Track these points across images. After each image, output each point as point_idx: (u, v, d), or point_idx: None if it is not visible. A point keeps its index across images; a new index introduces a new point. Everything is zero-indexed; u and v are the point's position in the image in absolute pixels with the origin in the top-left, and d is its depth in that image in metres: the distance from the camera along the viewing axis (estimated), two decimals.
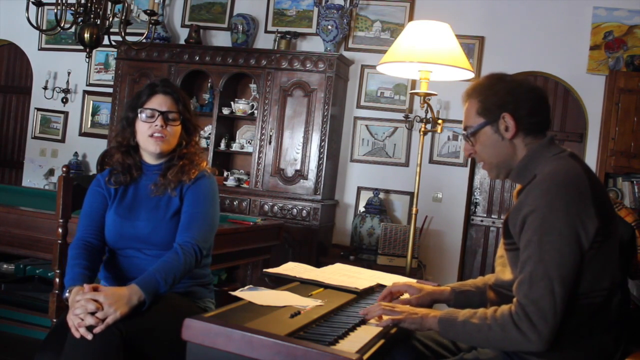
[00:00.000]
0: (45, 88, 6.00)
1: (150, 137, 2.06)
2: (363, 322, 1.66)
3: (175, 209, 2.06)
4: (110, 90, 5.64)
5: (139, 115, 2.08)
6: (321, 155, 4.94)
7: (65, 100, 6.05)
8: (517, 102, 1.70)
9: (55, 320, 2.26)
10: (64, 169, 2.36)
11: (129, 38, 3.80)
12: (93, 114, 6.03)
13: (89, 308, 1.71)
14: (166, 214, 2.05)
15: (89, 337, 1.67)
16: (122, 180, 2.11)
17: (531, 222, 1.54)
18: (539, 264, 1.49)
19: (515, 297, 1.53)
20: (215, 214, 2.13)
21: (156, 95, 2.10)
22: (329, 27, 5.11)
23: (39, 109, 6.16)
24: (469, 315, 1.58)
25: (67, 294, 1.85)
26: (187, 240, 1.98)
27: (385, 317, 1.67)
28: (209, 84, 5.39)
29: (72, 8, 3.49)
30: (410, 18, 5.14)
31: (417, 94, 3.36)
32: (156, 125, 2.05)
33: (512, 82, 1.76)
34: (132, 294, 1.78)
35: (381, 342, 1.52)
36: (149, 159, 2.14)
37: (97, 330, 1.68)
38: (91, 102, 6.03)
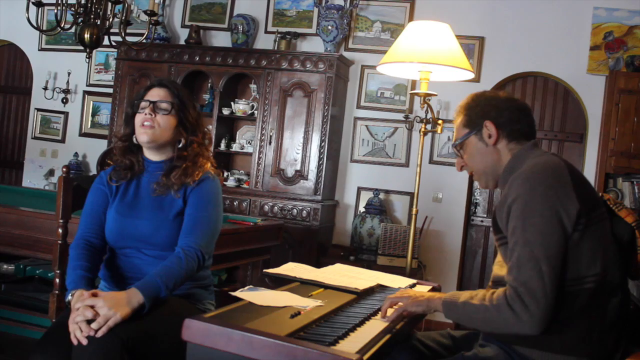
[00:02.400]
0: (45, 88, 6.00)
1: (140, 127, 2.06)
2: (363, 322, 1.66)
3: (178, 209, 2.05)
4: (110, 90, 5.64)
5: (136, 109, 2.10)
6: (321, 156, 4.94)
7: (65, 101, 6.05)
8: (498, 110, 1.81)
9: (54, 320, 2.26)
10: (64, 170, 2.36)
11: (129, 38, 3.80)
12: (93, 115, 6.03)
13: (87, 315, 1.71)
14: (169, 214, 2.04)
15: (84, 342, 1.68)
16: (123, 176, 2.10)
17: (515, 210, 1.60)
18: (525, 247, 1.55)
19: (507, 282, 1.58)
20: (218, 218, 2.12)
21: (153, 89, 2.11)
22: (329, 27, 5.12)
23: (39, 109, 6.16)
24: (469, 297, 1.64)
25: (69, 297, 1.85)
26: (191, 245, 1.97)
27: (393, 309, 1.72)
28: (209, 85, 5.39)
29: (72, 8, 3.49)
30: (410, 18, 5.14)
31: (417, 94, 3.36)
32: (145, 114, 2.05)
33: (492, 95, 1.89)
34: (132, 297, 1.78)
35: (381, 342, 1.52)
36: (149, 154, 2.13)
37: (99, 334, 1.68)
38: (91, 102, 6.03)
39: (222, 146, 5.30)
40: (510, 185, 1.65)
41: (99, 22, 3.51)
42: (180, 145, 2.10)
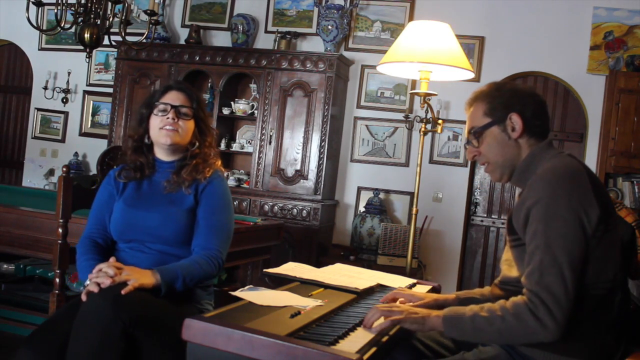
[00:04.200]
0: (46, 88, 6.00)
1: (161, 130, 2.08)
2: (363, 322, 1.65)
3: (189, 205, 2.07)
4: (110, 90, 5.64)
5: (153, 110, 2.11)
6: (321, 155, 4.94)
7: (65, 101, 6.05)
8: (523, 104, 1.75)
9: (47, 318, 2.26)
10: (64, 169, 2.36)
11: (129, 38, 3.80)
12: (93, 114, 6.03)
13: (109, 272, 1.80)
14: (180, 208, 2.06)
15: (96, 289, 1.76)
16: (132, 176, 2.13)
17: (535, 213, 1.56)
18: (547, 252, 1.51)
19: (526, 287, 1.53)
20: (232, 221, 2.17)
21: (170, 92, 2.14)
22: (329, 27, 5.11)
23: (39, 109, 6.16)
24: (477, 310, 1.57)
25: (87, 283, 1.87)
26: (213, 250, 2.02)
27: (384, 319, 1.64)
28: (209, 84, 5.39)
29: (72, 8, 3.49)
30: (411, 18, 5.14)
31: (417, 94, 3.36)
32: (168, 118, 2.07)
33: (516, 87, 1.83)
34: (150, 275, 1.86)
35: (381, 342, 1.52)
36: (161, 155, 2.15)
37: (124, 291, 1.74)
38: (91, 102, 6.04)
39: (222, 146, 5.30)
40: (530, 188, 1.61)
41: (99, 22, 3.51)
42: (194, 148, 2.14)
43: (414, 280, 2.31)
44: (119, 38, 3.83)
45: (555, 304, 1.47)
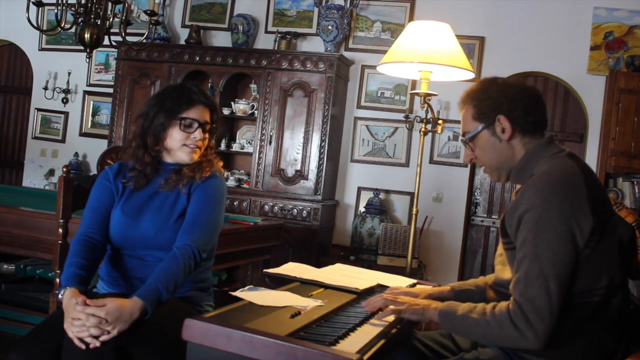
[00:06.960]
0: (46, 88, 6.00)
1: (184, 147, 2.04)
2: (363, 322, 1.66)
3: (181, 209, 2.03)
4: (110, 90, 5.64)
5: (178, 123, 2.04)
6: (321, 156, 4.94)
7: (65, 101, 6.05)
8: (510, 103, 1.70)
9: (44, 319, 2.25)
10: (64, 169, 2.35)
11: (129, 38, 3.80)
12: (93, 115, 6.03)
13: (91, 322, 1.69)
14: (171, 215, 2.02)
15: (98, 344, 1.67)
16: (139, 185, 2.06)
17: (527, 221, 1.54)
18: (534, 263, 1.50)
19: (512, 295, 1.54)
20: (219, 216, 2.09)
21: (197, 106, 2.07)
22: (329, 27, 5.12)
23: (39, 109, 6.16)
24: (468, 310, 1.59)
25: (60, 296, 1.83)
26: (187, 243, 1.94)
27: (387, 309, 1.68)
28: (209, 84, 5.39)
29: (73, 8, 3.49)
30: (411, 18, 5.14)
31: (417, 94, 3.36)
32: (195, 137, 2.04)
33: (504, 84, 1.76)
34: (135, 309, 1.75)
35: (381, 342, 1.52)
36: (169, 158, 2.11)
37: (91, 346, 1.68)
38: (91, 102, 6.04)
39: (223, 146, 5.30)
40: (524, 193, 1.58)
41: (99, 22, 3.51)
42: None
43: (414, 281, 2.31)
44: (119, 38, 3.83)
45: (537, 316, 1.47)
